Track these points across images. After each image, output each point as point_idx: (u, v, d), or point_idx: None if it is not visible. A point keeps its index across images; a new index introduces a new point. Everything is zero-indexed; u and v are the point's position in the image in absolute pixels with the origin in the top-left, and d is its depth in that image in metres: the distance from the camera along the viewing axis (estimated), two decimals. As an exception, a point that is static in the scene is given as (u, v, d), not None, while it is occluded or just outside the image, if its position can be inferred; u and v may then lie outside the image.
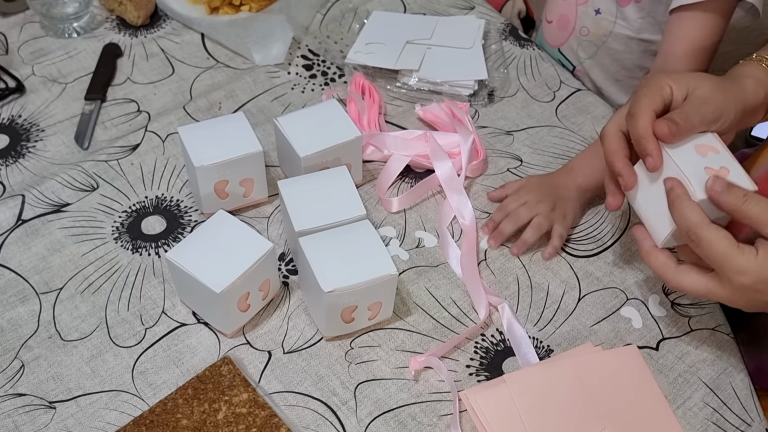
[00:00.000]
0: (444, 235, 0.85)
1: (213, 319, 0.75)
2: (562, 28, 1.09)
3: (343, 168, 0.81)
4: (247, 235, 0.73)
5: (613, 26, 1.02)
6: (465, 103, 0.98)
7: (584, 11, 1.05)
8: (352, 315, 0.73)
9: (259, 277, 0.73)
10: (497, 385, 0.71)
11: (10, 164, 0.90)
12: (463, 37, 1.07)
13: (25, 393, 0.71)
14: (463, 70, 1.01)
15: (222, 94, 1.00)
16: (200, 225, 0.75)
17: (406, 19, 1.12)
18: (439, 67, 1.02)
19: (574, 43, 1.09)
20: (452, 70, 1.01)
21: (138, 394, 0.71)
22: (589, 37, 1.06)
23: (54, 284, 0.79)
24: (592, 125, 0.99)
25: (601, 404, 0.70)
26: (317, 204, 0.77)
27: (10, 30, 1.07)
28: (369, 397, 0.72)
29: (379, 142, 0.91)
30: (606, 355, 0.75)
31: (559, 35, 1.10)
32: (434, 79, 0.99)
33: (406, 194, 0.88)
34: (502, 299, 0.79)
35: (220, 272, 0.69)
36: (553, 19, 1.11)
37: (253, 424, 0.67)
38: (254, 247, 0.72)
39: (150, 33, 1.08)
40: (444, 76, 1.00)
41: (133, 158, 0.91)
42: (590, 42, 1.06)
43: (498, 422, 0.69)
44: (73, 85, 1.00)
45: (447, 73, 1.00)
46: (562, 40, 1.10)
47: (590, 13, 1.04)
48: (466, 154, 0.89)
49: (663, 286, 0.82)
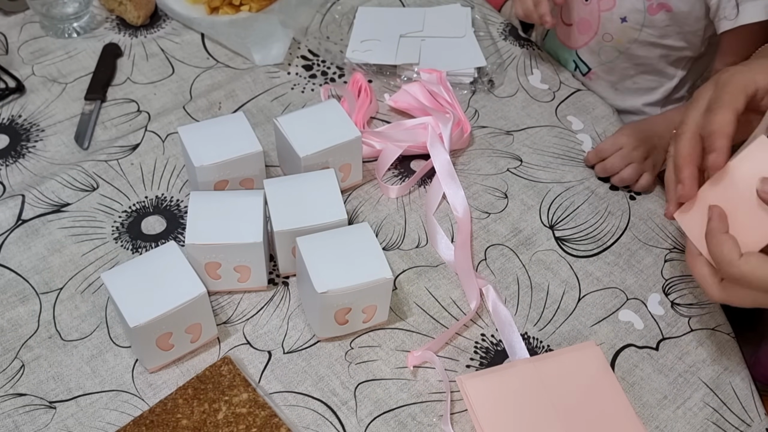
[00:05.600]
0: (431, 223, 0.86)
1: (133, 350, 0.73)
2: (583, 31, 1.07)
3: (330, 171, 0.80)
4: (185, 273, 0.69)
5: (639, 34, 1.00)
6: (440, 71, 0.98)
7: (608, 18, 1.02)
8: (345, 317, 0.73)
9: (185, 320, 0.69)
10: (491, 373, 0.73)
11: (10, 164, 0.90)
12: (454, 26, 1.08)
13: (25, 393, 0.71)
14: (461, 59, 1.02)
15: (222, 94, 1.00)
16: (148, 252, 0.72)
17: (393, 12, 1.12)
18: (438, 58, 1.02)
19: (595, 47, 1.06)
20: (451, 60, 1.02)
21: (138, 394, 0.71)
22: (612, 43, 1.04)
23: (54, 284, 0.79)
24: (592, 125, 0.99)
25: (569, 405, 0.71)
26: (299, 205, 0.76)
27: (10, 30, 1.07)
28: (369, 397, 0.72)
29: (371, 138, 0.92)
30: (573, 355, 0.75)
31: (579, 38, 1.07)
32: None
33: (405, 183, 0.89)
34: (486, 282, 0.79)
35: (143, 306, 0.66)
36: (572, 23, 1.08)
37: (253, 424, 0.67)
38: (187, 288, 0.68)
39: (150, 33, 1.08)
40: (443, 66, 1.00)
41: (133, 158, 0.91)
42: (612, 47, 1.04)
43: (487, 408, 0.70)
44: (73, 85, 1.00)
45: (447, 64, 1.01)
46: (580, 43, 1.08)
47: (615, 20, 1.01)
48: (447, 131, 0.90)
49: (663, 286, 0.82)
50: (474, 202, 0.89)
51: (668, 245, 0.86)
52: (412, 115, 0.97)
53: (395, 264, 0.82)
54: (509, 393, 0.71)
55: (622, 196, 0.91)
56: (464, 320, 0.77)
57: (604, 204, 0.90)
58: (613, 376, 0.74)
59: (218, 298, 0.78)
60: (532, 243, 0.85)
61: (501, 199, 0.90)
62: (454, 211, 0.87)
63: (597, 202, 0.90)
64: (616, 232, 0.87)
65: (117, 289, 0.68)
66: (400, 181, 0.91)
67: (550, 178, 0.92)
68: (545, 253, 0.85)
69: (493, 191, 0.90)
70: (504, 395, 0.71)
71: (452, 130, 0.91)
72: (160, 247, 0.72)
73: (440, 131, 0.91)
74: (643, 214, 0.89)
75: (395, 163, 0.91)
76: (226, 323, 0.76)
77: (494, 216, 0.88)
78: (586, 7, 1.05)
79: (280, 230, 0.75)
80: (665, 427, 0.72)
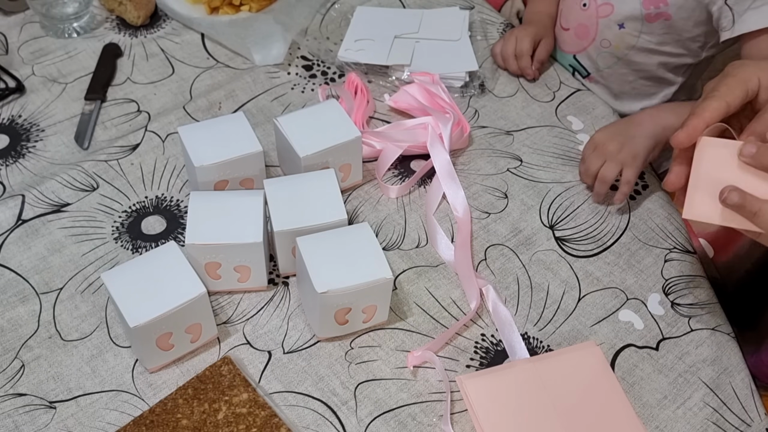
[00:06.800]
0: (431, 223, 0.86)
1: (133, 350, 0.73)
2: (581, 37, 1.07)
3: (330, 171, 0.80)
4: (185, 273, 0.69)
5: (637, 41, 1.01)
6: (433, 74, 0.98)
7: (606, 24, 1.02)
8: (345, 317, 0.73)
9: (185, 320, 0.69)
10: (491, 373, 0.73)
11: (10, 164, 0.90)
12: (450, 29, 1.08)
13: (25, 393, 0.71)
14: (453, 63, 1.02)
15: (222, 94, 1.00)
16: (148, 252, 0.72)
17: (391, 13, 1.12)
18: (430, 60, 1.02)
19: (593, 52, 1.07)
20: (443, 62, 1.02)
21: (138, 394, 0.71)
22: (610, 50, 1.04)
23: (54, 284, 0.79)
24: (592, 125, 0.99)
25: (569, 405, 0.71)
26: (299, 205, 0.76)
27: (10, 30, 1.07)
28: (369, 397, 0.72)
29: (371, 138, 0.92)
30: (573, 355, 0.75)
31: (577, 43, 1.08)
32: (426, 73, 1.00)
33: (405, 183, 0.89)
34: (486, 282, 0.79)
35: (143, 306, 0.66)
36: (570, 27, 1.08)
37: (253, 424, 0.67)
38: (187, 288, 0.68)
39: (150, 33, 1.08)
40: (435, 69, 1.00)
41: (133, 158, 0.91)
42: (610, 54, 1.05)
43: (487, 408, 0.70)
44: (73, 85, 1.00)
45: (438, 66, 1.01)
46: (578, 48, 1.08)
47: (613, 27, 1.01)
48: (447, 131, 0.90)
49: (663, 286, 0.82)
50: (474, 202, 0.89)
51: (668, 245, 0.86)
52: (412, 115, 0.97)
53: (395, 264, 0.82)
54: (509, 393, 0.71)
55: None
56: (464, 320, 0.77)
57: (604, 204, 0.90)
58: (613, 376, 0.74)
59: (218, 298, 0.78)
60: (532, 243, 0.85)
61: (501, 199, 0.90)
62: (454, 211, 0.87)
63: (597, 202, 0.90)
64: (616, 232, 0.87)
65: (117, 289, 0.68)
66: (400, 181, 0.91)
67: (550, 178, 0.92)
68: (545, 253, 0.85)
69: (493, 191, 0.90)
70: (504, 395, 0.71)
71: (452, 130, 0.91)
72: (160, 247, 0.72)
73: (440, 131, 0.91)
74: (643, 214, 0.89)
75: (395, 163, 0.91)
76: (226, 323, 0.76)
77: (494, 216, 0.88)
78: (584, 13, 1.05)
79: (280, 230, 0.75)
80: (665, 427, 0.72)
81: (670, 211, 0.90)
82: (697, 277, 0.83)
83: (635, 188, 0.92)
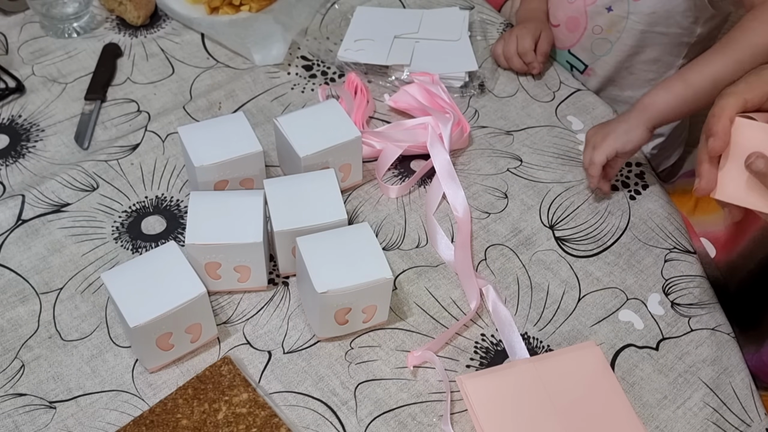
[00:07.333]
0: (431, 223, 0.86)
1: (133, 350, 0.73)
2: (572, 29, 1.08)
3: (330, 171, 0.80)
4: (185, 273, 0.69)
5: (627, 22, 1.01)
6: (433, 74, 0.98)
7: (595, 11, 1.04)
8: (345, 317, 0.73)
9: (185, 320, 0.69)
10: (491, 373, 0.73)
11: (10, 164, 0.90)
12: (450, 30, 1.08)
13: (25, 393, 0.71)
14: (453, 63, 1.02)
15: (222, 94, 1.00)
16: (148, 252, 0.72)
17: (391, 13, 1.12)
18: (430, 60, 1.02)
19: (587, 42, 1.07)
20: (442, 63, 1.02)
21: (138, 394, 0.71)
22: (603, 35, 1.05)
23: (54, 284, 0.79)
24: (591, 125, 0.99)
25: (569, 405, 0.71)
26: (299, 205, 0.76)
27: (10, 30, 1.07)
28: (369, 397, 0.72)
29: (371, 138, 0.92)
30: (573, 355, 0.75)
31: (569, 37, 1.09)
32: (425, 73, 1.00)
33: (405, 183, 0.89)
34: (486, 282, 0.79)
35: (143, 306, 0.66)
36: (559, 23, 1.09)
37: (253, 424, 0.67)
38: (187, 288, 0.68)
39: (150, 33, 1.08)
40: (435, 69, 1.00)
41: (133, 158, 0.91)
42: (604, 39, 1.05)
43: (487, 408, 0.70)
44: (73, 85, 1.00)
45: (437, 66, 1.01)
46: (572, 41, 1.09)
47: (602, 12, 1.03)
48: (447, 131, 0.90)
49: (663, 286, 0.82)
50: (474, 202, 0.89)
51: (668, 245, 0.86)
52: (412, 115, 0.97)
53: (395, 264, 0.82)
54: (509, 393, 0.71)
55: (622, 196, 0.91)
56: (464, 320, 0.77)
57: (604, 204, 0.90)
58: (613, 376, 0.74)
59: (218, 298, 0.78)
60: (532, 243, 0.85)
61: (501, 199, 0.90)
62: (454, 211, 0.87)
63: (597, 202, 0.90)
64: (616, 232, 0.87)
65: (117, 289, 0.68)
66: (400, 181, 0.91)
67: (550, 178, 0.92)
68: (545, 253, 0.85)
69: (493, 191, 0.90)
70: (504, 395, 0.71)
71: (452, 130, 0.91)
72: (160, 247, 0.72)
73: (440, 131, 0.91)
74: (643, 214, 0.89)
75: (395, 163, 0.91)
76: (226, 323, 0.77)
77: (494, 216, 0.88)
78: (571, 6, 1.06)
79: (280, 230, 0.75)
80: (665, 427, 0.72)
81: (670, 211, 0.90)
82: (697, 277, 0.83)
83: (635, 188, 0.92)
